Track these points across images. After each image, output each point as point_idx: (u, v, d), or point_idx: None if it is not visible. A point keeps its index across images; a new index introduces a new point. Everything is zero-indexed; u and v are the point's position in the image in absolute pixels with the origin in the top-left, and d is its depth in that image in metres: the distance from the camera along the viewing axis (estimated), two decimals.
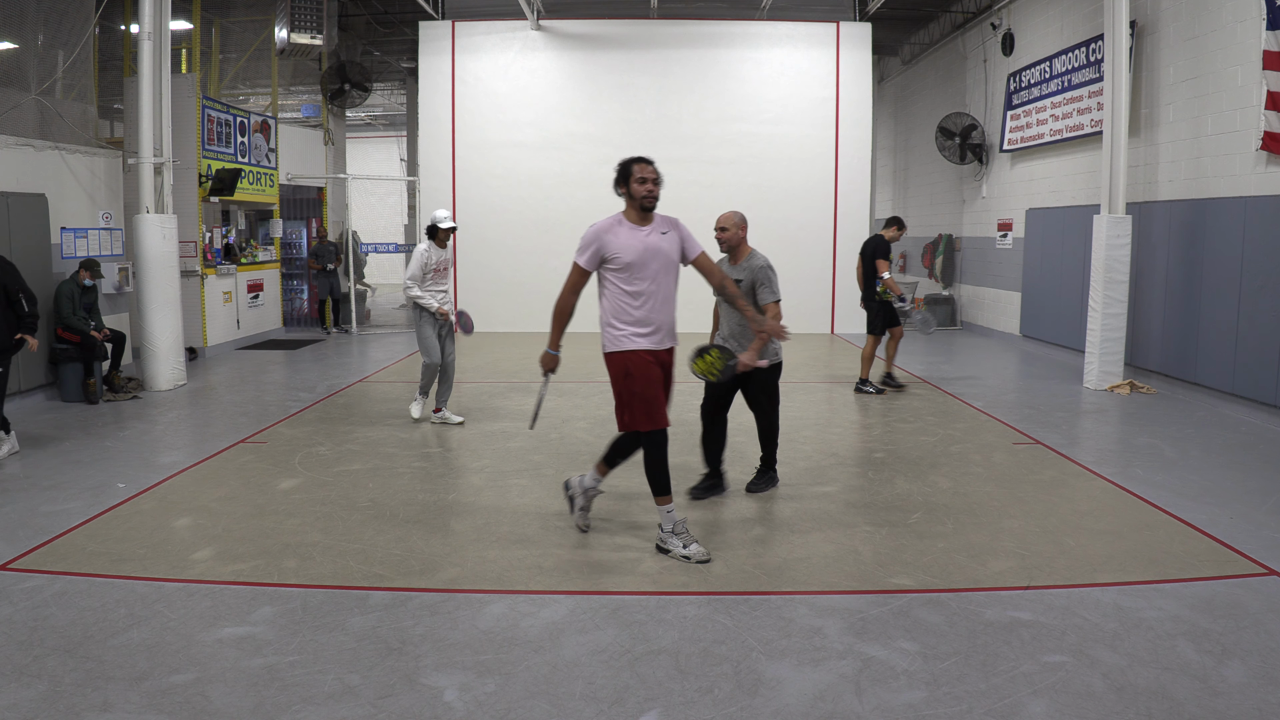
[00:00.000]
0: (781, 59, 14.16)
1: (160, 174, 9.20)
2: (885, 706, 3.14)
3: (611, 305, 4.45)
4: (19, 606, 3.91)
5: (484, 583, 4.23)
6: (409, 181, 15.91)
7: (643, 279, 4.41)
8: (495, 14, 14.19)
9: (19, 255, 8.24)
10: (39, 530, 4.90)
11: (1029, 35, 12.60)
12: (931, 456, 6.59)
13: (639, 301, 4.42)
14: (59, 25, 9.19)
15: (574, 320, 4.58)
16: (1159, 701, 3.15)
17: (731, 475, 5.83)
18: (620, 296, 4.42)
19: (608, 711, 3.12)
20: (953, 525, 5.04)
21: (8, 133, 8.45)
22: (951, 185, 15.47)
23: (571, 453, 6.69)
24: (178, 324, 9.37)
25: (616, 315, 4.44)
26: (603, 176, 17.18)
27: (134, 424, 7.67)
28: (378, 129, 28.19)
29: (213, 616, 3.85)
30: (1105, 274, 9.13)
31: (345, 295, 14.65)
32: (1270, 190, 7.69)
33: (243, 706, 3.12)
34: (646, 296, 4.42)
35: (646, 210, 4.45)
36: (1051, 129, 11.75)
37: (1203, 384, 8.62)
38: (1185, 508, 5.31)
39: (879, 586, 4.18)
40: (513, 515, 5.24)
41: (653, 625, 3.78)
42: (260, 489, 5.74)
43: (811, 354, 12.00)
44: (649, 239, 4.43)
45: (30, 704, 3.12)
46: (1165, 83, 9.27)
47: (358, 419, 7.85)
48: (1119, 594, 4.07)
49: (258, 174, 13.05)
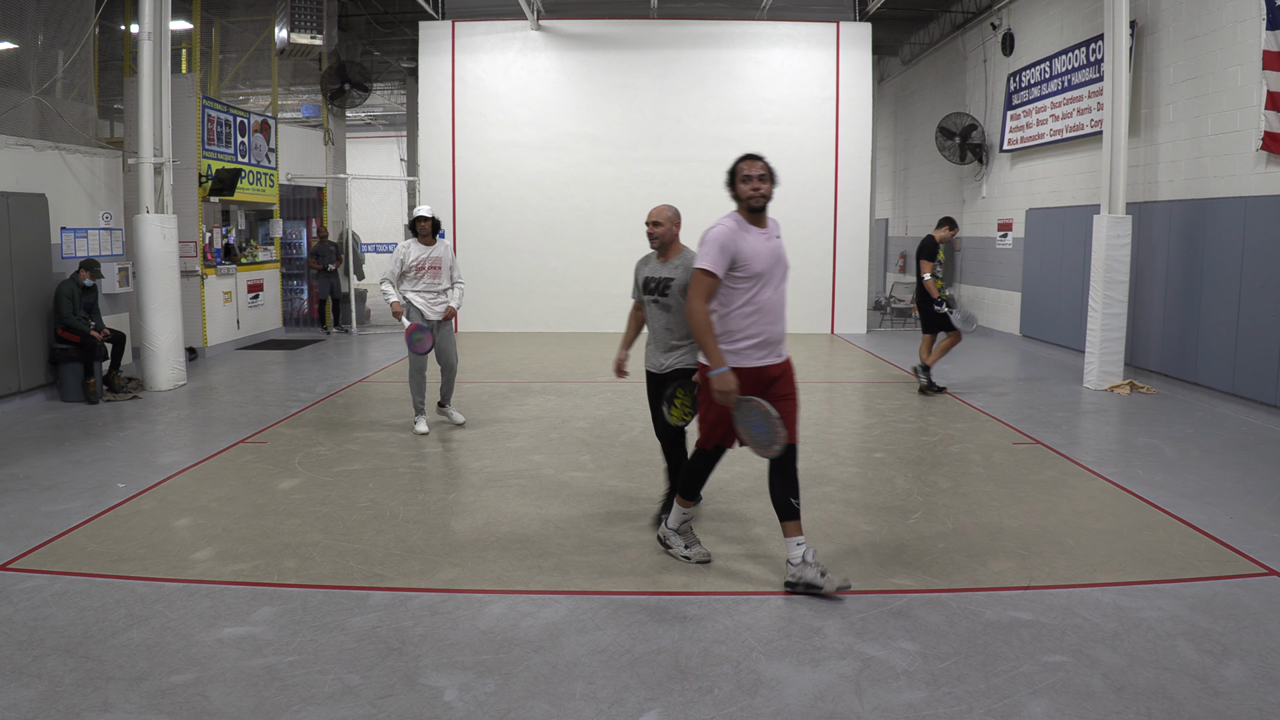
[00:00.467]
0: (781, 59, 14.16)
1: (160, 174, 9.20)
2: (885, 706, 3.14)
3: (728, 317, 4.00)
4: (19, 606, 3.91)
5: (484, 583, 4.23)
6: (409, 181, 15.90)
7: (768, 287, 4.02)
8: (495, 14, 14.20)
9: (19, 255, 8.27)
10: (39, 530, 4.90)
11: (1029, 35, 12.60)
12: (932, 456, 6.59)
13: (762, 313, 4.00)
14: (59, 25, 9.19)
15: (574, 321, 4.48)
16: (1159, 701, 3.15)
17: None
18: (740, 307, 3.98)
19: (608, 711, 3.12)
20: (953, 525, 5.04)
21: (8, 133, 8.45)
22: (951, 185, 15.47)
23: (572, 452, 6.69)
24: (178, 324, 9.37)
25: (733, 328, 4.00)
26: (603, 176, 17.22)
27: (134, 424, 7.67)
28: (378, 129, 28.20)
29: (213, 616, 3.84)
30: (1105, 274, 9.13)
31: (345, 295, 14.66)
32: (1270, 190, 7.69)
33: (243, 706, 3.12)
34: (769, 307, 4.03)
35: (756, 211, 4.05)
36: (1051, 129, 11.75)
37: (1203, 384, 8.62)
38: (1185, 508, 5.31)
39: (879, 586, 4.18)
40: (513, 515, 5.24)
41: (653, 625, 3.78)
42: (260, 489, 5.74)
43: (811, 354, 12.01)
44: (770, 243, 4.06)
45: (30, 704, 3.12)
46: (1165, 83, 9.27)
47: (358, 419, 7.85)
48: (1119, 594, 4.07)
49: (258, 174, 13.05)
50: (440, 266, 7.17)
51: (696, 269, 4.00)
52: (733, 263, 3.95)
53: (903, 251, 18.10)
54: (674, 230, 4.87)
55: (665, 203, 4.97)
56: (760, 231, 4.05)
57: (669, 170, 14.15)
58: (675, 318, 4.74)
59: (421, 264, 7.09)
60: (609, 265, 14.21)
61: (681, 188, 14.25)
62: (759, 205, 4.03)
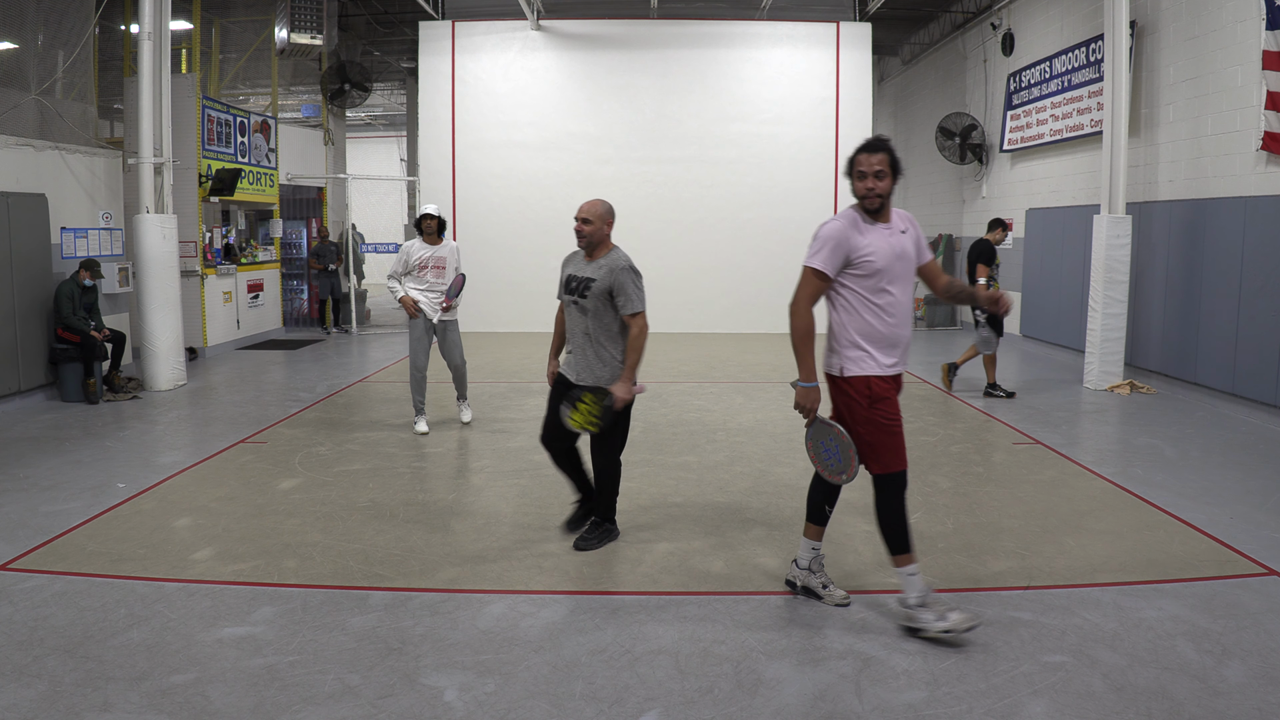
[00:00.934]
0: (781, 59, 14.16)
1: (160, 174, 9.20)
2: (885, 706, 3.14)
3: (850, 319, 3.71)
4: (19, 606, 3.91)
5: (484, 583, 4.23)
6: (409, 181, 15.90)
7: (891, 286, 3.67)
8: (495, 14, 14.19)
9: (19, 255, 8.27)
10: (39, 530, 4.90)
11: (1029, 35, 12.60)
12: (931, 456, 6.59)
13: (888, 315, 3.68)
14: (59, 25, 9.19)
15: None
16: (1159, 701, 3.15)
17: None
18: (863, 308, 3.68)
19: (608, 711, 3.12)
20: (953, 525, 5.04)
21: (8, 133, 8.45)
22: (951, 185, 15.47)
23: None
24: (178, 324, 9.37)
25: (859, 331, 3.70)
26: (603, 176, 17.13)
27: (134, 424, 7.67)
28: (378, 129, 28.20)
29: (213, 616, 3.84)
30: (1105, 274, 9.13)
31: (346, 295, 14.66)
32: (1270, 190, 7.69)
33: (243, 706, 3.12)
34: (895, 308, 3.69)
35: (870, 211, 3.68)
36: (1051, 129, 11.75)
37: (1203, 384, 8.62)
38: (1185, 508, 5.31)
39: (879, 586, 4.18)
40: (513, 515, 5.24)
41: (653, 625, 3.78)
42: (260, 489, 5.74)
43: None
44: (893, 239, 3.68)
45: (30, 704, 3.12)
46: (1165, 83, 9.27)
47: (358, 419, 7.85)
48: (1119, 594, 4.07)
49: (258, 174, 13.05)
50: (444, 266, 7.17)
51: (807, 267, 3.68)
52: (847, 260, 3.65)
53: None
54: (605, 229, 4.52)
55: (599, 198, 4.62)
56: (882, 227, 3.68)
57: (669, 170, 14.15)
58: (595, 323, 4.41)
59: (425, 263, 7.10)
60: None
61: (681, 188, 14.29)
62: (874, 206, 3.65)
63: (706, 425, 7.56)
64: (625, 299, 4.37)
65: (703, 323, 14.27)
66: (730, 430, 7.38)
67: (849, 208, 3.76)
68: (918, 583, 3.69)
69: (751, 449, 6.78)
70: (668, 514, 5.24)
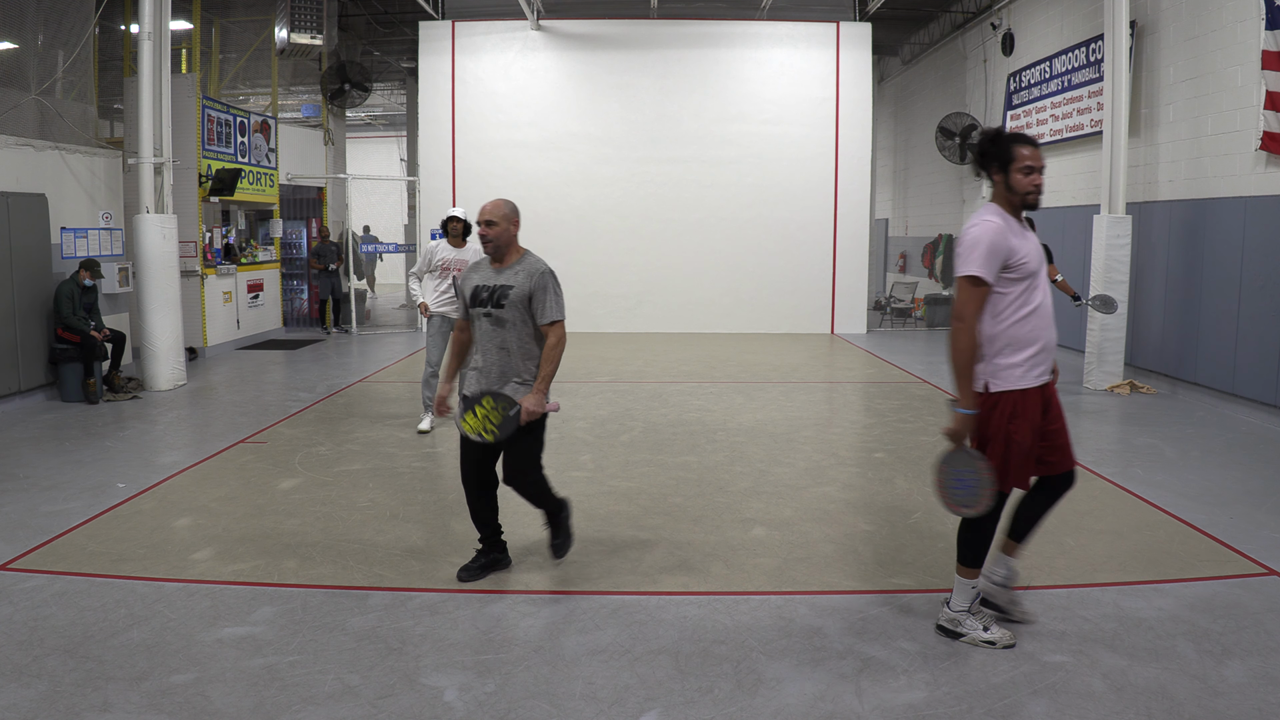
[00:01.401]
0: (781, 59, 14.17)
1: (160, 174, 9.20)
2: (885, 706, 3.14)
3: (1000, 328, 3.43)
4: (19, 606, 3.91)
5: (484, 583, 4.22)
6: (409, 181, 15.90)
7: (1038, 291, 3.47)
8: (495, 14, 14.20)
9: (19, 255, 8.27)
10: (39, 530, 4.90)
11: (1029, 35, 12.60)
12: (931, 456, 6.58)
13: (1038, 316, 3.46)
14: (59, 25, 9.19)
15: (572, 321, 4.24)
16: (1159, 701, 3.15)
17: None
18: (1013, 315, 3.42)
19: (608, 711, 3.12)
20: (953, 525, 5.02)
21: (8, 133, 8.45)
22: (951, 185, 15.47)
23: (571, 452, 6.68)
24: (178, 324, 9.37)
25: (1010, 341, 3.43)
26: (603, 176, 17.12)
27: (134, 424, 7.67)
28: (378, 129, 28.18)
29: (213, 616, 3.84)
30: (1105, 274, 9.13)
31: (346, 295, 14.66)
32: (1270, 190, 7.69)
33: (243, 706, 3.12)
34: (1044, 310, 3.49)
35: (1030, 208, 3.49)
36: (1051, 129, 11.75)
37: (1203, 384, 8.62)
38: (1185, 508, 5.31)
39: (879, 586, 4.18)
40: (512, 515, 5.23)
41: (653, 625, 3.78)
42: (260, 489, 5.74)
43: (811, 354, 12.01)
44: (1029, 237, 3.51)
45: (30, 704, 3.12)
46: (1165, 83, 9.27)
47: (358, 419, 7.85)
48: (1119, 594, 4.07)
49: (258, 174, 13.05)
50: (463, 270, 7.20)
51: (966, 276, 3.39)
52: (1004, 264, 3.40)
53: (903, 251, 18.10)
54: (511, 230, 4.10)
55: (502, 198, 4.19)
56: (1023, 227, 3.50)
57: (669, 170, 14.16)
58: (513, 335, 4.01)
59: (448, 265, 7.22)
60: (608, 265, 14.24)
61: (681, 187, 14.30)
62: (1037, 204, 3.46)
63: (706, 425, 7.56)
64: (544, 307, 3.99)
65: (703, 322, 14.27)
66: (730, 430, 7.38)
67: (989, 206, 3.50)
68: (973, 594, 3.64)
69: (751, 449, 6.78)
70: (668, 514, 5.24)
